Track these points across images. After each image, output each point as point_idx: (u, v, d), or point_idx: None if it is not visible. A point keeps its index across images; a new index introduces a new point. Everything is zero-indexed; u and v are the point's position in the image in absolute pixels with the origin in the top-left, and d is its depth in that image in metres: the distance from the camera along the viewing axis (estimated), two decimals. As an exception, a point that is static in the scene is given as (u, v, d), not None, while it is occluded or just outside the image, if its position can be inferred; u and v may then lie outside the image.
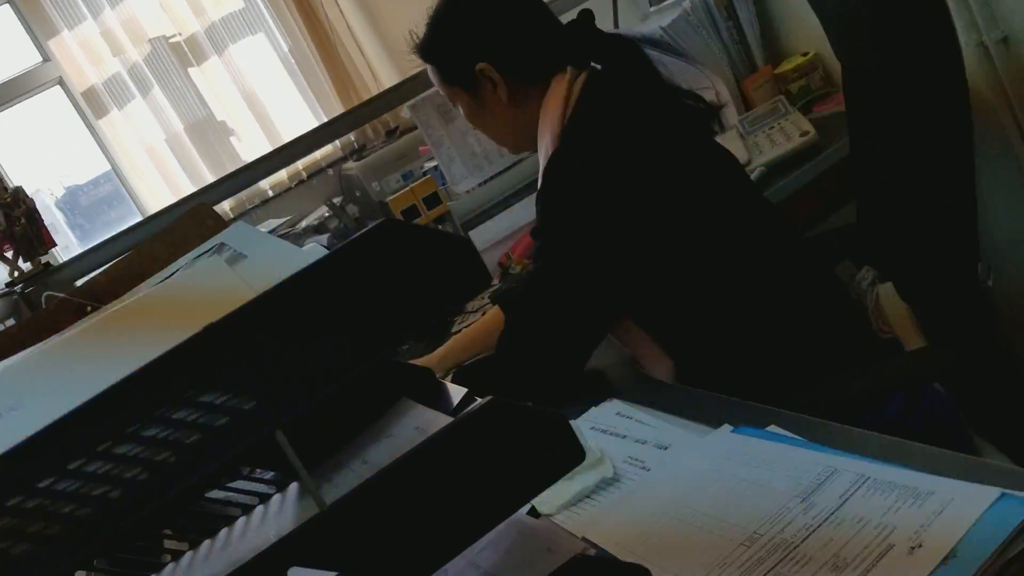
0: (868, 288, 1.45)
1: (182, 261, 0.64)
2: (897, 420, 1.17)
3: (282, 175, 4.58)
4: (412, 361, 1.66)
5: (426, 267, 0.51)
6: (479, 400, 0.54)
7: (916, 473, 0.74)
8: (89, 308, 0.76)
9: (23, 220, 1.83)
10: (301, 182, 4.59)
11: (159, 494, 0.47)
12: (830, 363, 1.26)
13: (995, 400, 1.13)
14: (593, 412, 1.16)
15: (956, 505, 0.68)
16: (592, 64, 1.34)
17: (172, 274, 0.60)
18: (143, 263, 0.77)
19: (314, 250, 0.60)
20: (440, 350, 1.66)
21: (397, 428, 0.73)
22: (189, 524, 0.65)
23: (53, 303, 0.75)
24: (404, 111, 2.45)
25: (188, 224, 0.78)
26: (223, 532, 0.65)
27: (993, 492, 0.67)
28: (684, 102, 1.34)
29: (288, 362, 0.49)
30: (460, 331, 1.92)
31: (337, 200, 4.38)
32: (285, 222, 4.25)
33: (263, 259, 0.56)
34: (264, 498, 0.75)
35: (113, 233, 2.15)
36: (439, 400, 0.77)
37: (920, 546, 0.66)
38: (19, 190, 1.87)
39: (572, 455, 0.56)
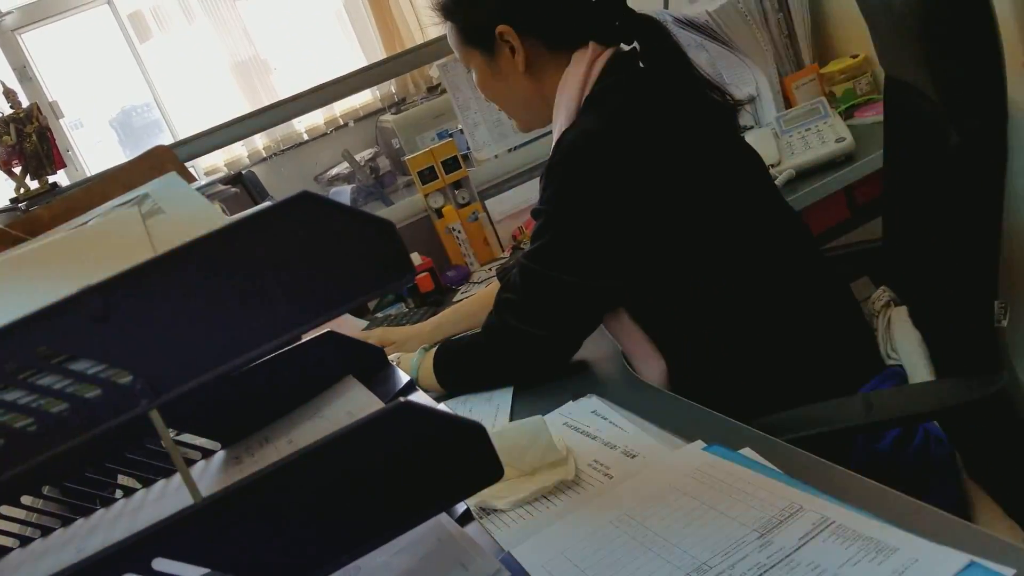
0: (881, 309, 1.38)
1: (107, 206, 0.60)
2: (890, 453, 1.11)
3: (318, 120, 4.55)
4: (405, 327, 1.62)
5: (342, 248, 0.46)
6: (395, 401, 0.49)
7: (883, 525, 0.68)
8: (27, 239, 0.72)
9: (34, 137, 1.81)
10: (337, 128, 4.55)
11: (12, 462, 0.42)
12: (827, 384, 1.20)
13: (995, 449, 1.06)
14: (570, 406, 1.11)
15: (918, 568, 0.62)
16: (619, 45, 1.27)
17: (89, 220, 0.56)
18: (90, 201, 0.73)
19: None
20: (433, 320, 1.62)
21: (331, 409, 0.69)
22: (84, 492, 0.62)
23: (-10, 233, 0.71)
24: (434, 69, 2.38)
25: (143, 166, 0.74)
26: (120, 503, 0.61)
27: (960, 559, 0.61)
28: (708, 94, 1.27)
29: (175, 336, 0.44)
30: (458, 302, 1.88)
31: (370, 152, 4.35)
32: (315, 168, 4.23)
33: (180, 217, 0.51)
34: (192, 463, 0.71)
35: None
36: (383, 383, 0.73)
37: (872, 608, 0.61)
38: (33, 107, 1.84)
39: (490, 469, 0.51)
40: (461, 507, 0.68)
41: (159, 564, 0.45)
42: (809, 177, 1.73)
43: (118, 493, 0.68)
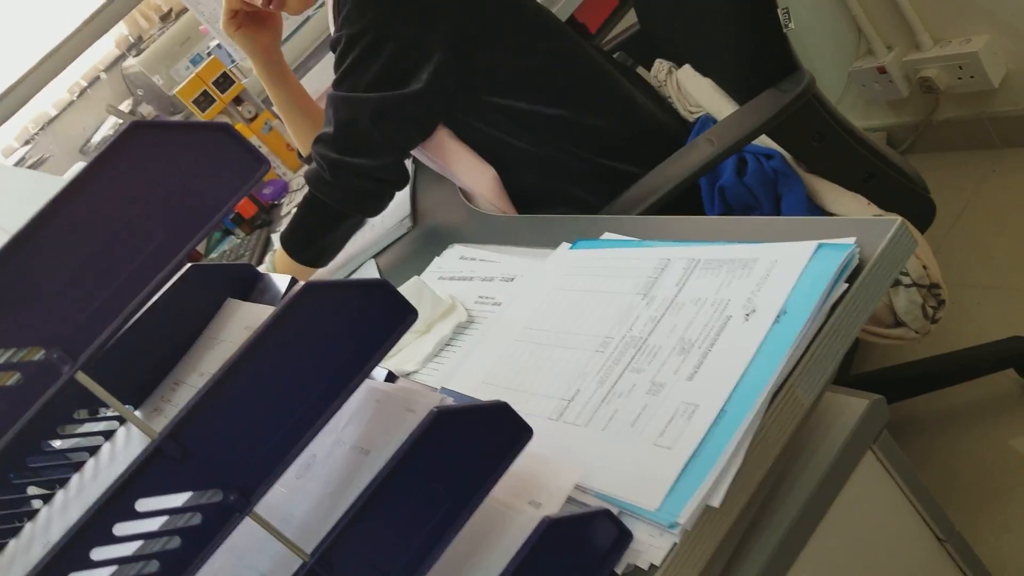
0: (666, 78, 1.47)
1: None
2: (735, 184, 1.20)
3: (61, 91, 4.18)
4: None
5: (193, 162, 0.47)
6: (297, 285, 0.52)
7: (741, 245, 0.77)
8: None
9: None
10: (81, 94, 4.20)
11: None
12: (651, 155, 1.28)
13: (818, 139, 1.16)
14: (436, 262, 1.15)
15: (780, 266, 0.71)
16: None
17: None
18: None
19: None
20: None
21: (227, 331, 0.70)
22: (32, 479, 0.62)
23: None
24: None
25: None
26: (75, 479, 0.61)
27: (811, 245, 0.70)
28: None
29: (67, 297, 0.45)
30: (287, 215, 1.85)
31: (127, 103, 4.06)
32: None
33: (9, 197, 0.50)
34: (109, 434, 0.71)
35: None
36: (265, 293, 0.74)
37: (754, 311, 0.69)
38: None
39: (402, 312, 0.54)
40: (383, 372, 0.72)
41: (143, 504, 0.47)
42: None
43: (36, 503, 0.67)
